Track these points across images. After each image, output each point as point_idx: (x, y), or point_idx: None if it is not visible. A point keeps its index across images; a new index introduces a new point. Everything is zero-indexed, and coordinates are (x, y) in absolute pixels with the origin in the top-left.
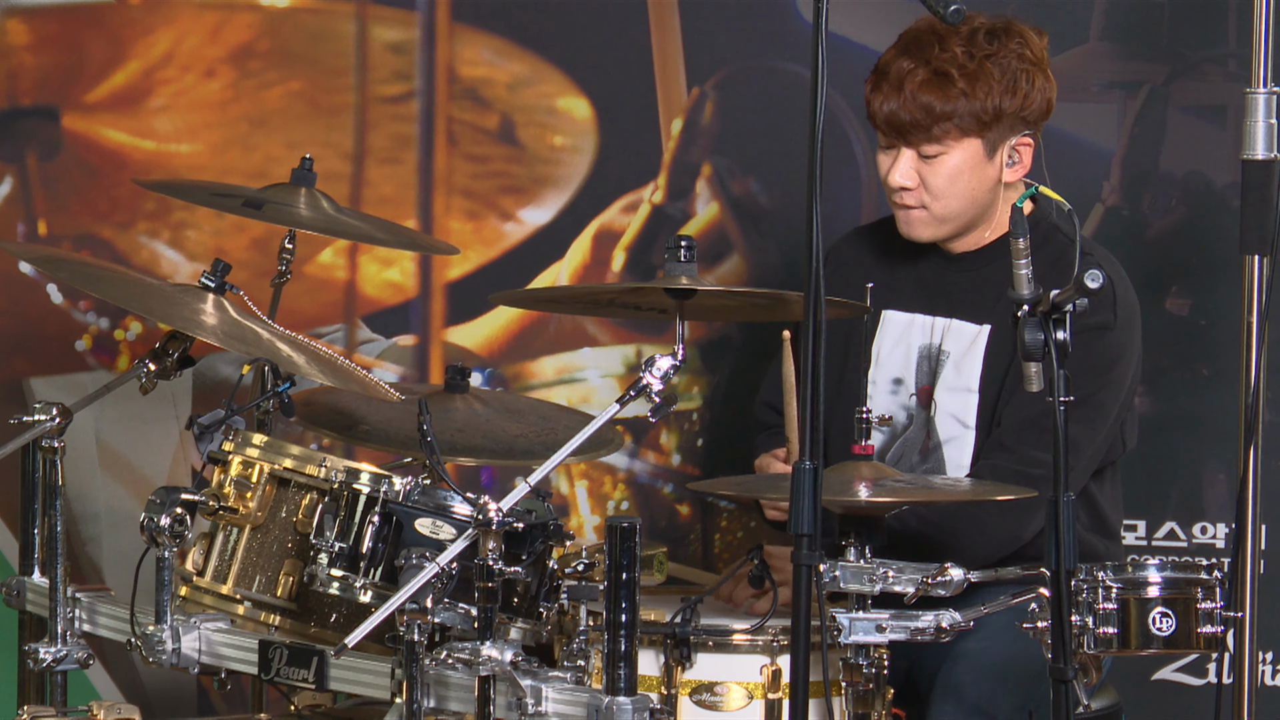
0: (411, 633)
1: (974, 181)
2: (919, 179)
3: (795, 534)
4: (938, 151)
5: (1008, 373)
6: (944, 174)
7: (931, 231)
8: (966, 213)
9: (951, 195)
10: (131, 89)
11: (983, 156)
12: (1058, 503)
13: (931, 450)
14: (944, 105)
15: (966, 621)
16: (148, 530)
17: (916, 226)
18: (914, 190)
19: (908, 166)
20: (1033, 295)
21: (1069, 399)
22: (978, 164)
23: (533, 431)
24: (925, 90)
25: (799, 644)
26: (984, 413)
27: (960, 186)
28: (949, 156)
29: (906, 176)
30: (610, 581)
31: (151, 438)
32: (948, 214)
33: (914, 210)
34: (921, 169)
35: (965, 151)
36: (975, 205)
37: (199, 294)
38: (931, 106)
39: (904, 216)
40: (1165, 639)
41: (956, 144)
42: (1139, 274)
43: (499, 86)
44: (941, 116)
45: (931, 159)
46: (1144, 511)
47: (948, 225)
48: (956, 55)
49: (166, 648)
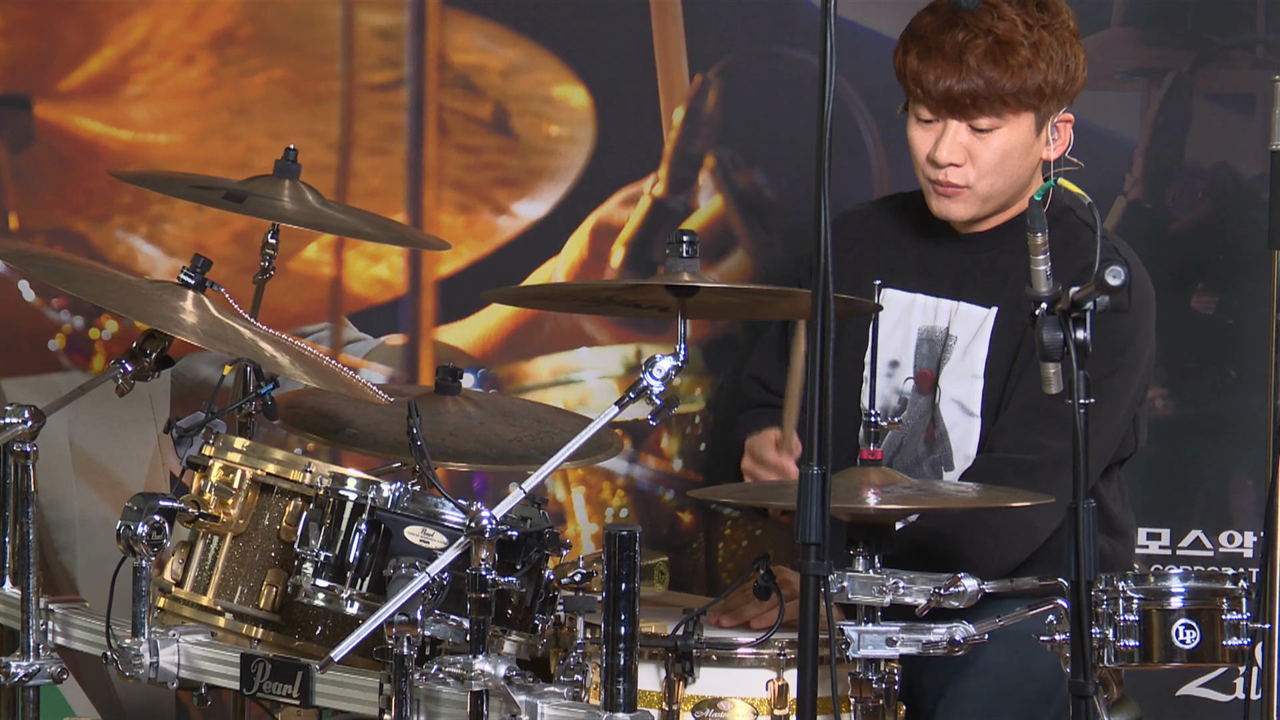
0: (400, 646)
1: (1022, 159)
2: (966, 155)
3: (802, 543)
4: (992, 125)
5: (1015, 357)
6: (996, 150)
7: (973, 211)
8: (1008, 192)
9: (999, 173)
10: (107, 76)
11: (1033, 132)
12: (1078, 510)
13: (938, 439)
14: (1010, 79)
15: (981, 634)
16: (124, 539)
17: (958, 206)
18: (962, 167)
19: (957, 142)
20: (1051, 293)
21: (1089, 400)
22: (1029, 140)
23: (528, 435)
24: (989, 62)
25: (806, 658)
26: (990, 399)
27: (1010, 164)
28: (1002, 131)
29: (955, 153)
30: (609, 592)
31: (128, 442)
32: (992, 192)
33: (956, 191)
34: (971, 144)
35: (1020, 127)
36: (1017, 184)
37: (178, 291)
38: (996, 80)
39: (943, 197)
40: (1189, 652)
41: (1014, 117)
42: (1163, 270)
43: (492, 74)
44: (1006, 90)
45: (984, 133)
46: (1168, 519)
47: (989, 204)
48: (1017, 24)
49: (144, 662)
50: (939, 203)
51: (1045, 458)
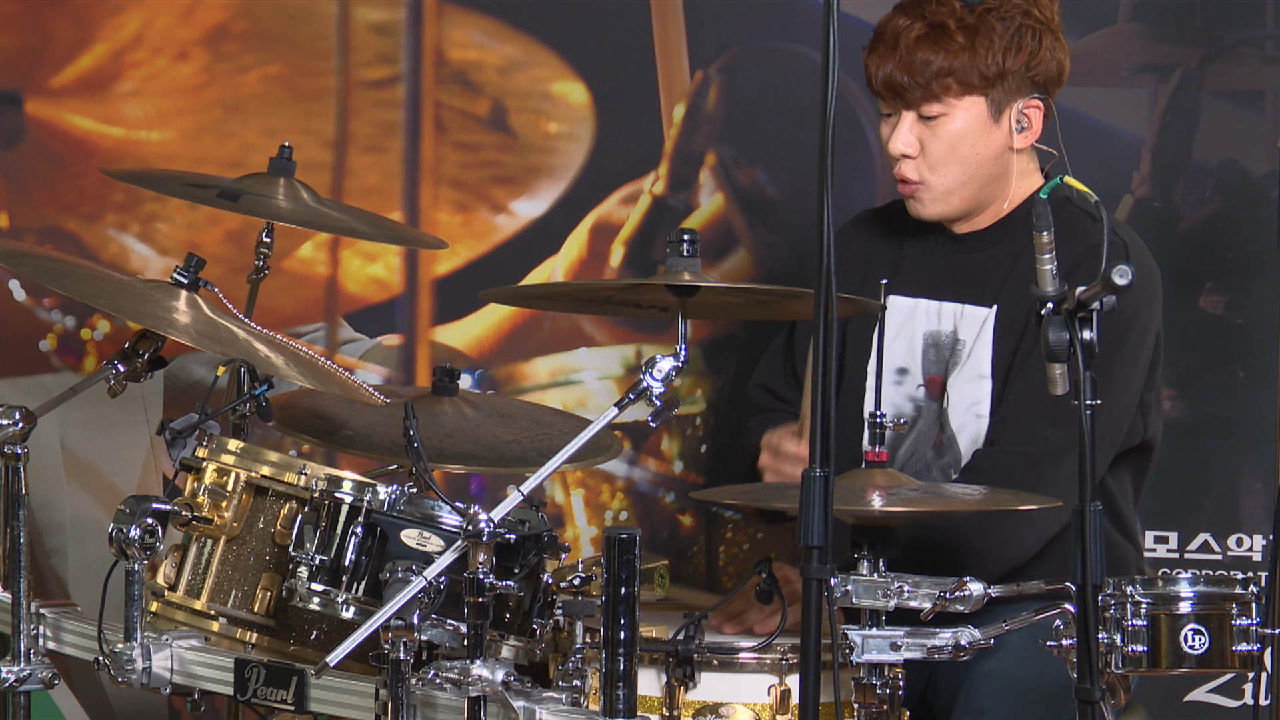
0: (397, 651)
1: (978, 146)
2: (920, 146)
3: (805, 546)
4: (939, 111)
5: (1015, 355)
6: (945, 137)
7: (939, 208)
8: (972, 182)
9: (953, 161)
10: (99, 73)
11: (987, 118)
12: (1084, 512)
13: (946, 444)
14: (943, 60)
15: (987, 639)
16: (116, 542)
17: (924, 204)
18: (915, 159)
19: (908, 131)
20: (1057, 292)
21: (1096, 402)
22: (982, 126)
23: (526, 437)
24: (922, 45)
25: (809, 663)
26: (997, 399)
27: (963, 151)
28: (951, 118)
29: (907, 143)
30: (608, 596)
31: (120, 444)
32: (950, 184)
33: (916, 186)
34: (923, 134)
35: (968, 112)
36: (980, 174)
37: (171, 291)
38: (929, 61)
39: (907, 193)
40: (1198, 658)
41: (958, 102)
42: (1171, 269)
43: (490, 70)
44: (940, 72)
45: (933, 120)
46: (1176, 522)
47: (955, 198)
48: (955, 8)
49: (136, 667)
50: (909, 204)
51: (1046, 448)
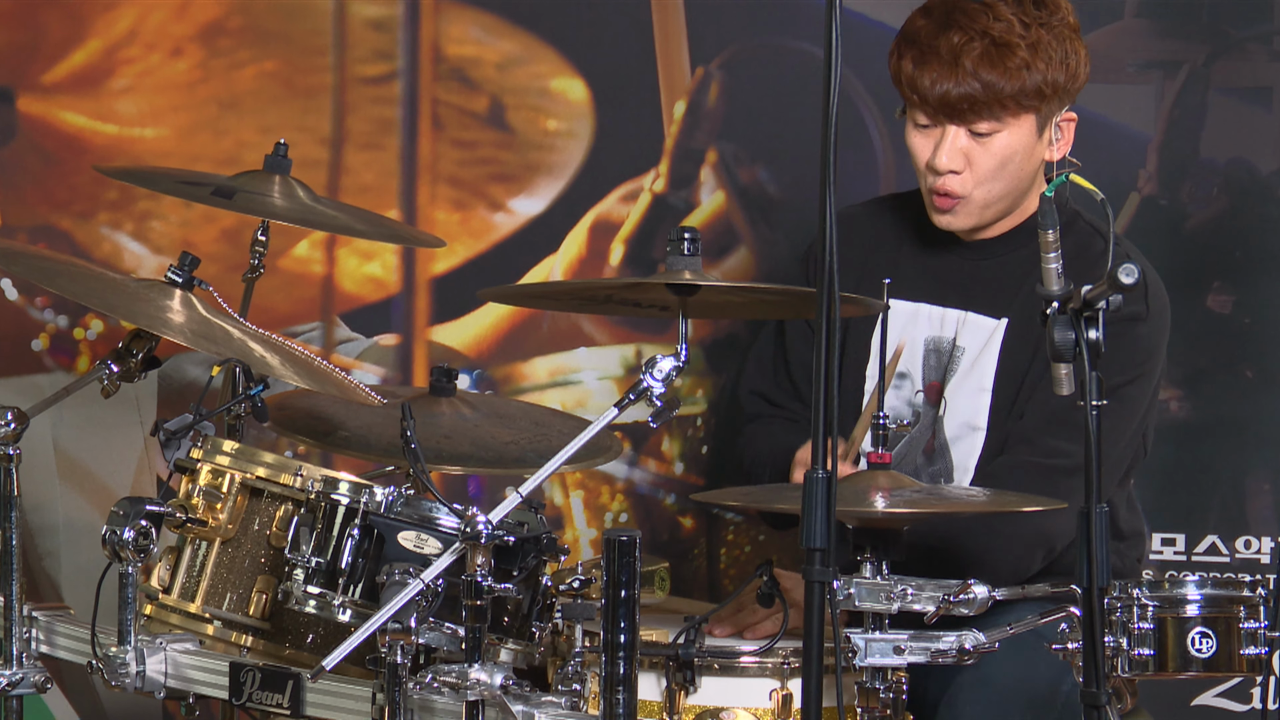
0: (394, 654)
1: (1024, 162)
2: (966, 161)
3: (807, 548)
4: (991, 129)
5: (1028, 371)
6: (996, 154)
7: (974, 220)
8: (1009, 197)
9: (1000, 178)
10: (92, 69)
11: (1034, 134)
12: (1090, 515)
13: (938, 451)
14: (1008, 81)
15: (991, 642)
16: (110, 544)
17: (959, 218)
18: (961, 175)
19: (956, 147)
20: (1063, 291)
21: (1102, 401)
22: (1030, 142)
23: (524, 438)
24: (986, 65)
25: (811, 667)
26: (996, 413)
27: (1012, 168)
28: (1003, 135)
29: (955, 159)
30: (608, 599)
31: (114, 444)
32: (990, 199)
33: (957, 200)
34: (971, 149)
35: (1021, 129)
36: (1018, 189)
37: (165, 290)
38: (994, 83)
39: (942, 205)
40: (1205, 661)
41: (1014, 121)
42: (1178, 268)
43: (488, 66)
44: (1004, 93)
45: (984, 137)
46: (1183, 524)
47: (991, 211)
48: (1014, 24)
49: (130, 670)
50: (938, 214)
51: (1068, 464)
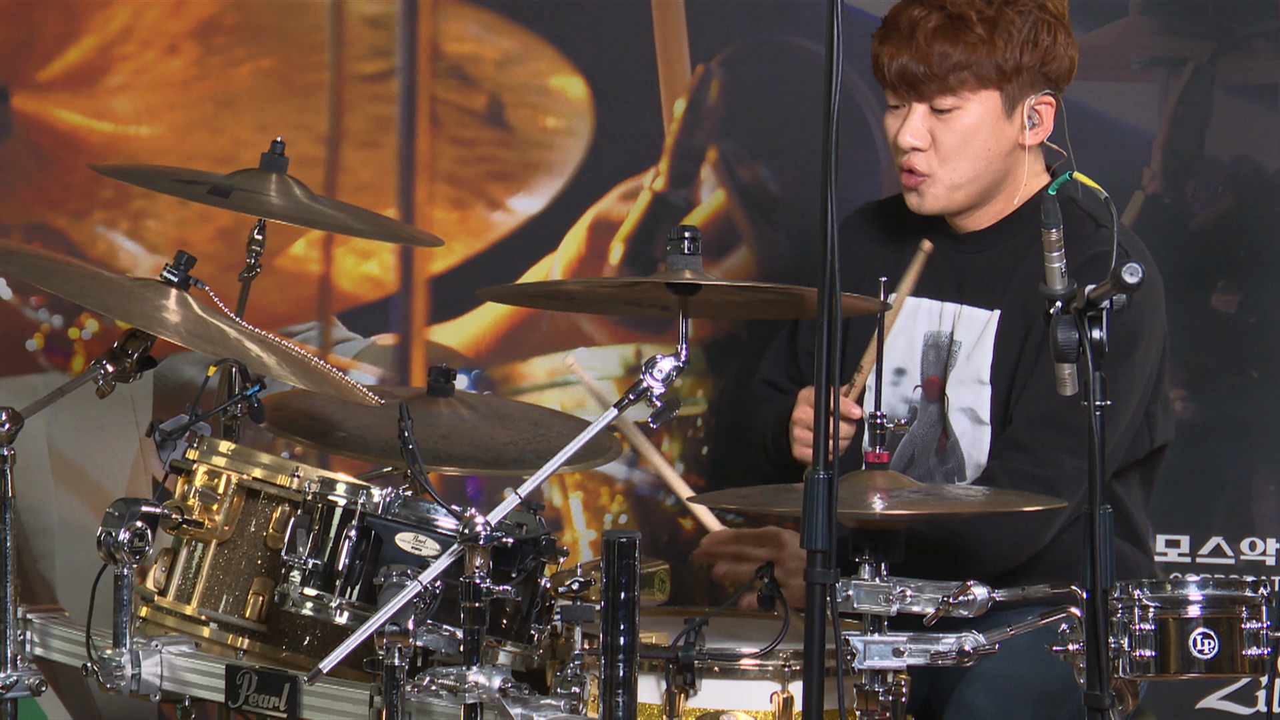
0: (392, 657)
1: (990, 141)
2: (930, 139)
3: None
4: (952, 105)
5: (1019, 362)
6: (958, 130)
7: (942, 203)
8: (981, 178)
9: (965, 156)
10: (87, 66)
11: (1000, 113)
12: (1093, 516)
13: (949, 449)
14: (961, 53)
15: (991, 644)
16: (105, 546)
17: (926, 198)
18: (925, 152)
19: (919, 124)
20: (1066, 291)
21: (1106, 402)
22: (995, 121)
23: (523, 439)
24: (940, 37)
25: (812, 670)
26: (998, 406)
27: (975, 146)
28: (964, 111)
29: (917, 135)
30: (607, 601)
31: (109, 445)
32: (959, 179)
33: (923, 179)
34: (934, 126)
35: (983, 106)
36: (990, 170)
37: (161, 289)
38: (947, 54)
39: (912, 184)
40: (1207, 662)
41: (974, 95)
42: (1182, 268)
43: (487, 64)
44: (958, 65)
45: (945, 114)
46: (1188, 525)
47: (960, 193)
48: (974, 0)
49: (125, 673)
50: (911, 197)
51: (1061, 474)
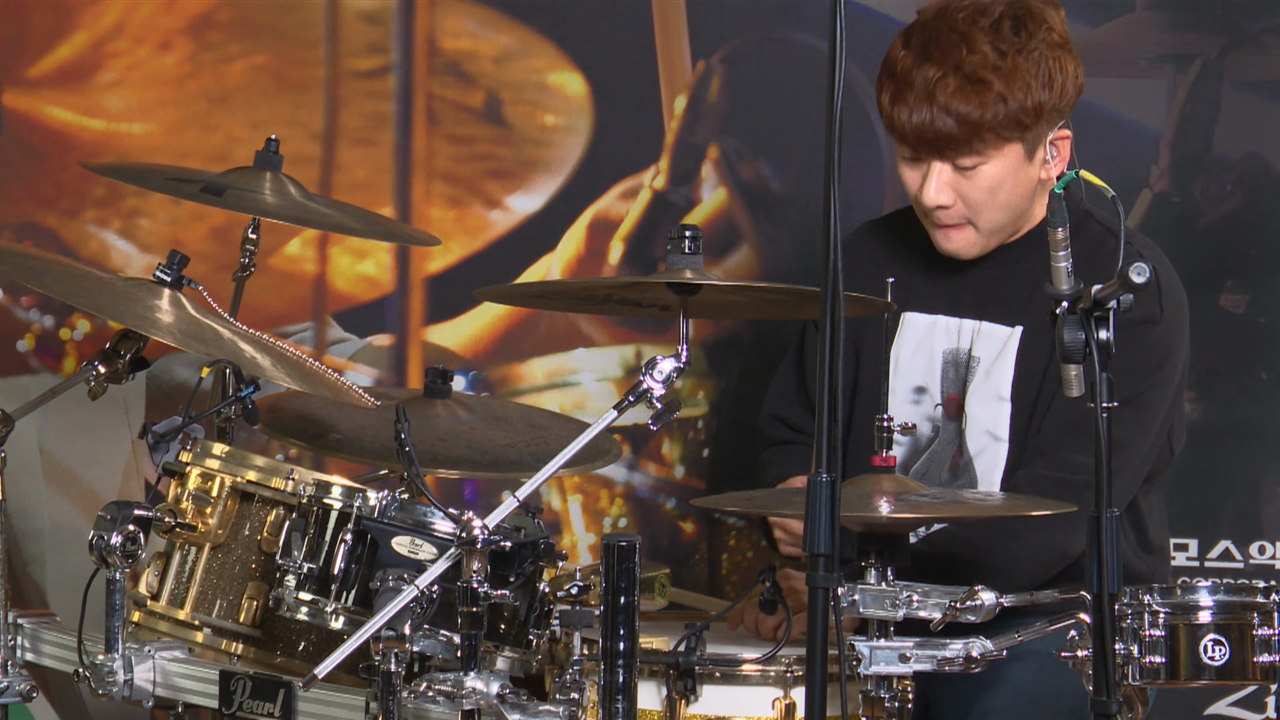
0: (388, 662)
1: (1015, 189)
2: (955, 195)
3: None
4: (976, 163)
5: (1045, 378)
6: (984, 186)
7: (979, 249)
8: (1011, 221)
9: (994, 207)
10: (78, 63)
11: (1023, 160)
12: (1100, 519)
13: (963, 467)
14: (983, 113)
15: (999, 650)
16: (97, 549)
17: (961, 246)
18: (952, 208)
19: (942, 182)
20: (1073, 291)
21: (1112, 404)
22: (1018, 170)
23: (521, 441)
24: (960, 99)
25: (815, 675)
26: (1017, 423)
27: (1002, 197)
28: (988, 166)
29: (942, 194)
30: (607, 606)
31: (101, 448)
32: (994, 227)
33: (956, 229)
34: (958, 182)
35: (1006, 158)
36: (1017, 212)
37: (153, 289)
38: (969, 117)
39: (944, 236)
40: (1218, 669)
41: (997, 152)
42: (1190, 267)
43: (484, 60)
44: (981, 125)
45: (969, 170)
46: (1196, 529)
47: (995, 238)
48: (988, 56)
49: (118, 679)
50: (943, 242)
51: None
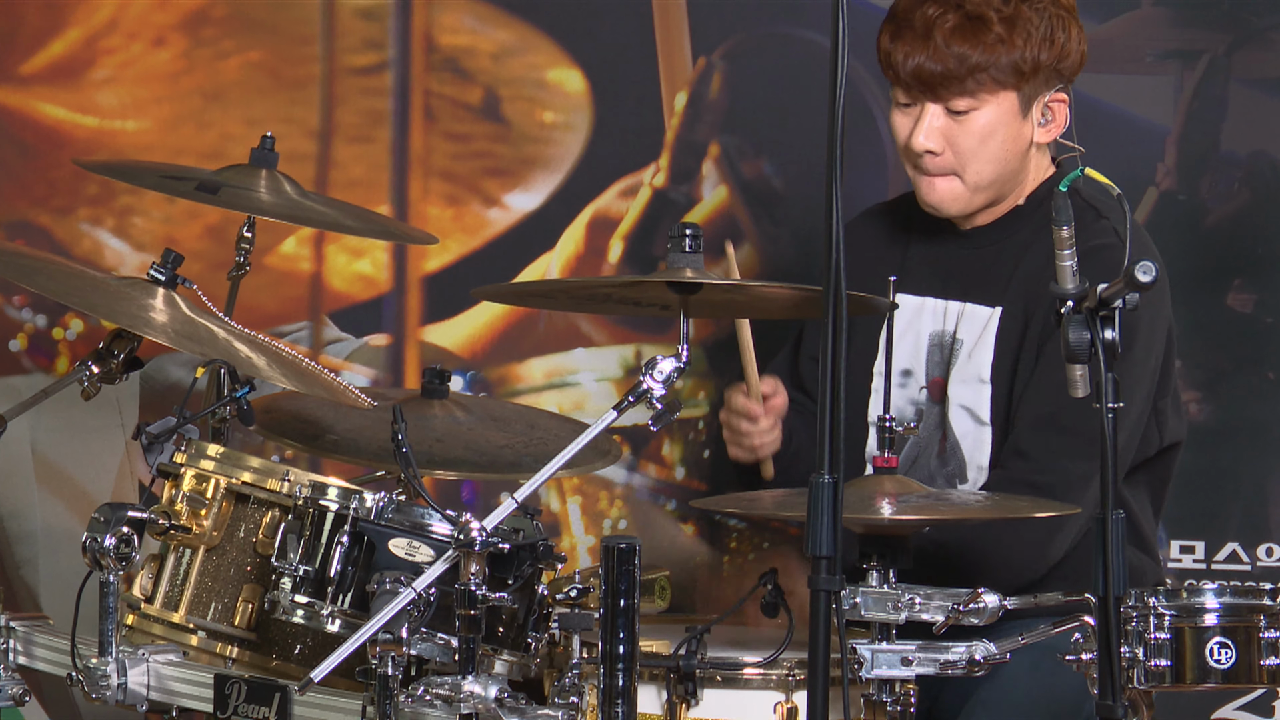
0: (385, 666)
1: (1007, 141)
2: (945, 142)
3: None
4: (969, 106)
5: (1018, 361)
6: (975, 132)
7: (962, 204)
8: (999, 179)
9: (984, 158)
10: (71, 59)
11: (1017, 113)
12: (1105, 521)
13: (950, 451)
14: (980, 54)
15: (1002, 653)
16: (90, 552)
17: (945, 198)
18: (941, 155)
19: (933, 127)
20: (1078, 290)
21: (1118, 404)
22: (1011, 121)
23: (520, 442)
24: (958, 37)
25: (816, 679)
26: (998, 405)
27: (993, 147)
28: (981, 112)
29: (932, 139)
30: (606, 609)
31: (94, 449)
32: (980, 181)
33: (941, 178)
34: (950, 128)
35: (1000, 106)
36: (1007, 170)
37: (147, 288)
38: (966, 56)
39: (928, 185)
40: (1224, 672)
41: (991, 97)
42: (1197, 266)
43: (482, 56)
44: (977, 67)
45: (962, 115)
46: (1202, 531)
47: (980, 195)
48: None
49: (111, 683)
50: (926, 194)
51: (1065, 479)
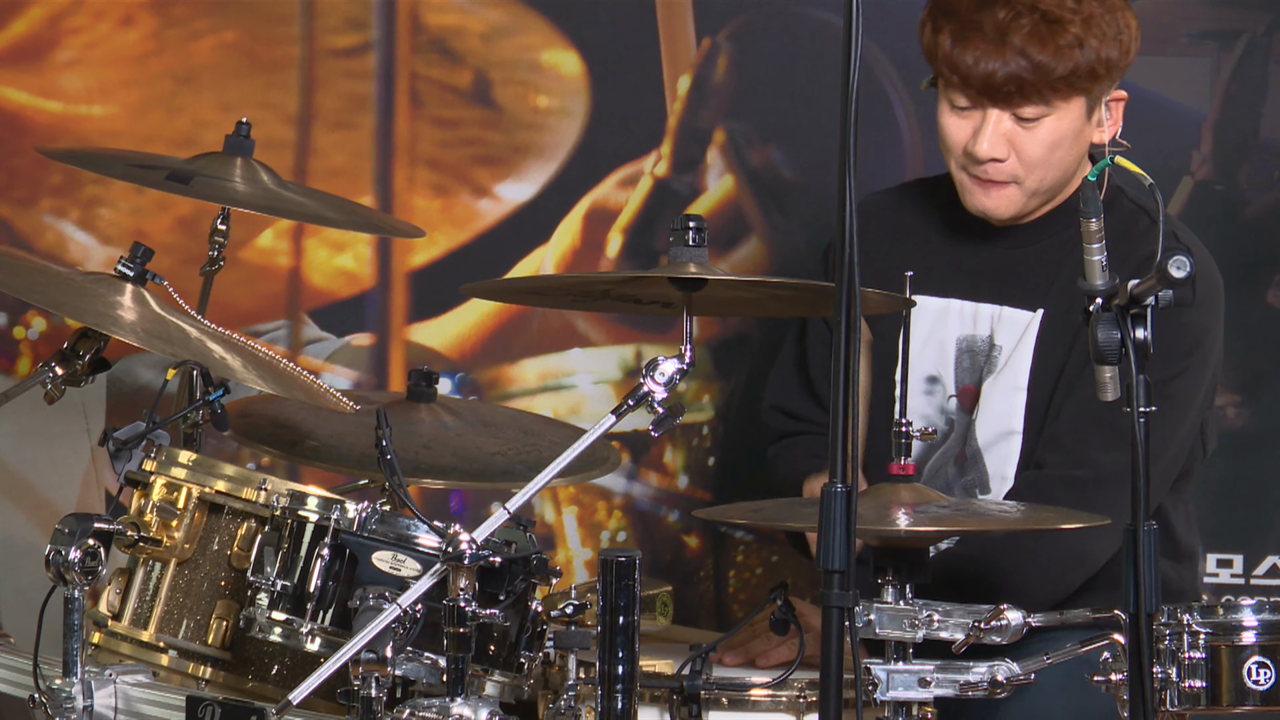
0: (368, 687)
1: (1072, 148)
2: (1010, 149)
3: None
4: (1040, 114)
5: (1065, 365)
6: (1043, 140)
7: (1015, 211)
8: (1057, 185)
9: (1049, 165)
10: (34, 40)
11: (1084, 118)
12: (1137, 532)
13: (970, 460)
14: (1059, 61)
15: (1026, 674)
16: (54, 565)
17: (1000, 205)
18: (1004, 162)
19: (999, 134)
20: (1107, 287)
21: (1150, 409)
22: (1079, 127)
23: (512, 448)
24: (1035, 43)
25: (829, 701)
26: (1033, 414)
27: (1059, 155)
28: (1051, 119)
29: (998, 147)
30: (605, 626)
31: (58, 455)
32: (1040, 188)
33: (998, 185)
34: (1015, 135)
35: (1070, 113)
36: (1067, 176)
37: (115, 284)
38: (1045, 64)
39: (983, 191)
40: (1263, 694)
41: (1064, 104)
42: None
43: (472, 37)
44: (1056, 75)
45: (1030, 122)
46: (1241, 544)
47: (1035, 200)
48: None
49: (76, 705)
50: (979, 198)
51: (1099, 474)
